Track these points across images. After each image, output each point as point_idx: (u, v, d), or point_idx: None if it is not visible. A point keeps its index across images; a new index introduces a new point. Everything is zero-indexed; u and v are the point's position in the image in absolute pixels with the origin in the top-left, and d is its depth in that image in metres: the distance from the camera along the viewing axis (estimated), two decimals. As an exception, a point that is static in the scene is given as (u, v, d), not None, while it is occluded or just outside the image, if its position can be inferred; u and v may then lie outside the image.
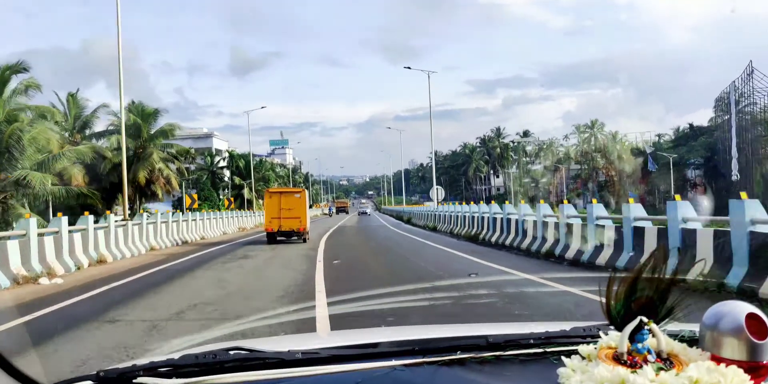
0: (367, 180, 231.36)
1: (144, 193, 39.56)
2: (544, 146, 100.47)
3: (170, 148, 41.82)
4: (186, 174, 44.53)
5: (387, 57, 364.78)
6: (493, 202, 25.87)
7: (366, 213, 77.78)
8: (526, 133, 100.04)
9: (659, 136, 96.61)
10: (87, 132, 39.75)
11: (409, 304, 6.44)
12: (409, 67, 38.82)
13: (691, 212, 10.40)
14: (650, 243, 10.81)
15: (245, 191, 71.56)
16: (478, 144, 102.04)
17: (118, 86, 20.90)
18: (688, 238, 9.85)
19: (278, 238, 21.63)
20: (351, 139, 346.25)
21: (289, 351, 1.25)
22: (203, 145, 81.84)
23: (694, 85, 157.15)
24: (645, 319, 1.06)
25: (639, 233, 11.37)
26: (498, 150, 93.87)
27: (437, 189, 32.63)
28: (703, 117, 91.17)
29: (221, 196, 72.47)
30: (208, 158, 74.95)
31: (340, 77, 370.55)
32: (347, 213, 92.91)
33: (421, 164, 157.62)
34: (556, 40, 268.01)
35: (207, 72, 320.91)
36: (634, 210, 11.73)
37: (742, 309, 1.00)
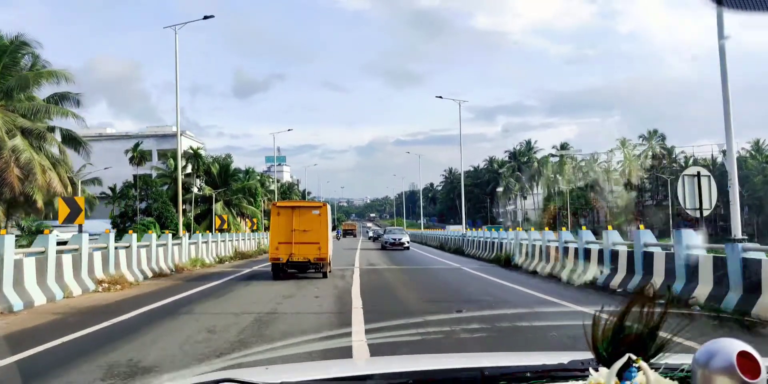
0: (368, 202, 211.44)
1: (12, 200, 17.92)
2: (580, 162, 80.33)
3: (46, 116, 20.39)
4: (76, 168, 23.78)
5: (387, 81, 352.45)
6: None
7: (401, 243, 35.75)
8: (563, 146, 79.86)
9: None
10: None
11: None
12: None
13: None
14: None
15: (217, 206, 47.80)
16: (507, 158, 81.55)
17: None
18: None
19: (289, 271, 15.80)
20: (351, 162, 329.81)
21: (281, 383, 1.20)
22: (169, 146, 58.07)
23: (695, 115, 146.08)
24: (633, 357, 1.02)
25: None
26: (535, 164, 73.00)
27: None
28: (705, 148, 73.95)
29: (189, 212, 48.66)
30: (171, 161, 51.21)
31: (341, 101, 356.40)
32: (355, 236, 74.44)
33: (431, 184, 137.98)
34: (557, 68, 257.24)
35: (209, 93, 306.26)
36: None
37: (734, 347, 0.96)
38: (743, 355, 0.96)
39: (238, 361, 6.40)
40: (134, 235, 15.15)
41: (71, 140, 27.83)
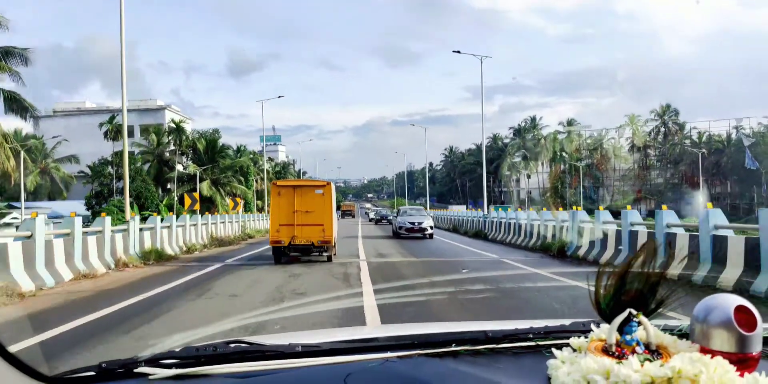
0: (365, 182, 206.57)
1: None
2: (586, 139, 75.84)
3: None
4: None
5: (385, 61, 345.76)
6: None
7: (421, 229, 24.51)
8: (570, 123, 74.91)
9: (737, 128, 71.98)
10: None
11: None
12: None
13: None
14: None
15: (203, 185, 42.77)
16: (511, 135, 76.61)
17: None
18: None
19: (292, 254, 14.90)
20: (347, 142, 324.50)
21: (289, 344, 1.22)
22: (152, 120, 52.40)
23: (693, 95, 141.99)
24: (634, 312, 1.04)
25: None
26: (542, 141, 68.14)
27: None
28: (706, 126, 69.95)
29: (173, 192, 44.28)
30: (153, 137, 46.04)
31: (338, 80, 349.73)
32: (353, 217, 69.88)
33: (431, 163, 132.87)
34: (555, 47, 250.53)
35: (204, 73, 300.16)
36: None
37: (731, 302, 0.99)
38: (740, 310, 0.97)
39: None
40: (39, 219, 10.10)
41: (14, 104, 22.57)
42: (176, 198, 44.53)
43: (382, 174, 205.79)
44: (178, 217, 24.77)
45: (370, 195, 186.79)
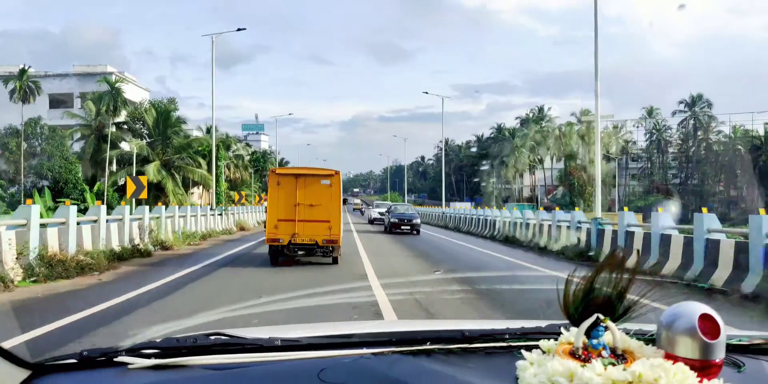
0: (351, 177, 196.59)
1: None
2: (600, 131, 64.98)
3: None
4: None
5: (374, 57, 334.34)
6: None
7: None
8: (585, 113, 64.83)
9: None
10: None
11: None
12: None
13: None
14: None
15: (150, 168, 29.39)
16: (517, 126, 66.52)
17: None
18: None
19: (291, 255, 13.35)
20: (334, 137, 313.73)
21: (269, 338, 1.23)
22: (94, 86, 39.46)
23: (680, 99, 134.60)
24: (601, 317, 1.06)
25: None
26: (556, 131, 58.19)
27: None
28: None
29: (113, 176, 31.81)
30: (89, 105, 32.61)
31: (326, 75, 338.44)
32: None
33: (422, 157, 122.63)
34: (544, 49, 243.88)
35: (190, 63, 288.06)
36: None
37: (696, 310, 1.01)
38: (705, 318, 0.99)
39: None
40: None
41: None
42: (107, 184, 33.18)
43: (369, 169, 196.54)
44: (111, 208, 17.07)
45: (356, 189, 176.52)
